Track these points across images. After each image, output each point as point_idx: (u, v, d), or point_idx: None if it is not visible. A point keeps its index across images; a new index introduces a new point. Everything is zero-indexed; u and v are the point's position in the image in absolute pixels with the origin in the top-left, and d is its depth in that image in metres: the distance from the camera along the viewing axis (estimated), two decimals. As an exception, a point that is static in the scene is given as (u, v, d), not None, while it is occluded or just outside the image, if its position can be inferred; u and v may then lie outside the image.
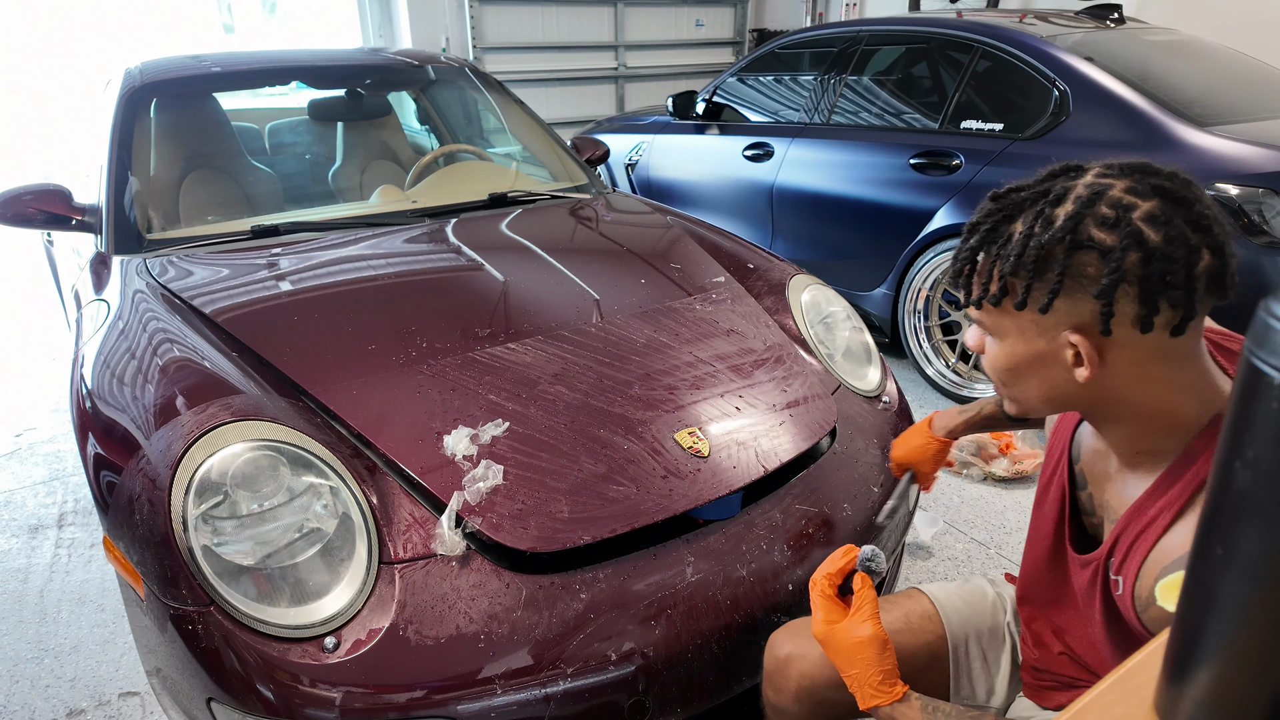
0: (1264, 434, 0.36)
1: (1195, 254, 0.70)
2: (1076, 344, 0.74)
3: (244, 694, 1.15)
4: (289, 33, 6.74)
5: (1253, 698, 0.39)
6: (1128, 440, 0.82)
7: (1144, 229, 0.70)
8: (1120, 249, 0.70)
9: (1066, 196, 0.74)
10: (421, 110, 3.35)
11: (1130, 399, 0.77)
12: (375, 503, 1.29)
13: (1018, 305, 0.76)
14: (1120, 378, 0.76)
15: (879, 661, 0.91)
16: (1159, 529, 0.79)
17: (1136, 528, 0.81)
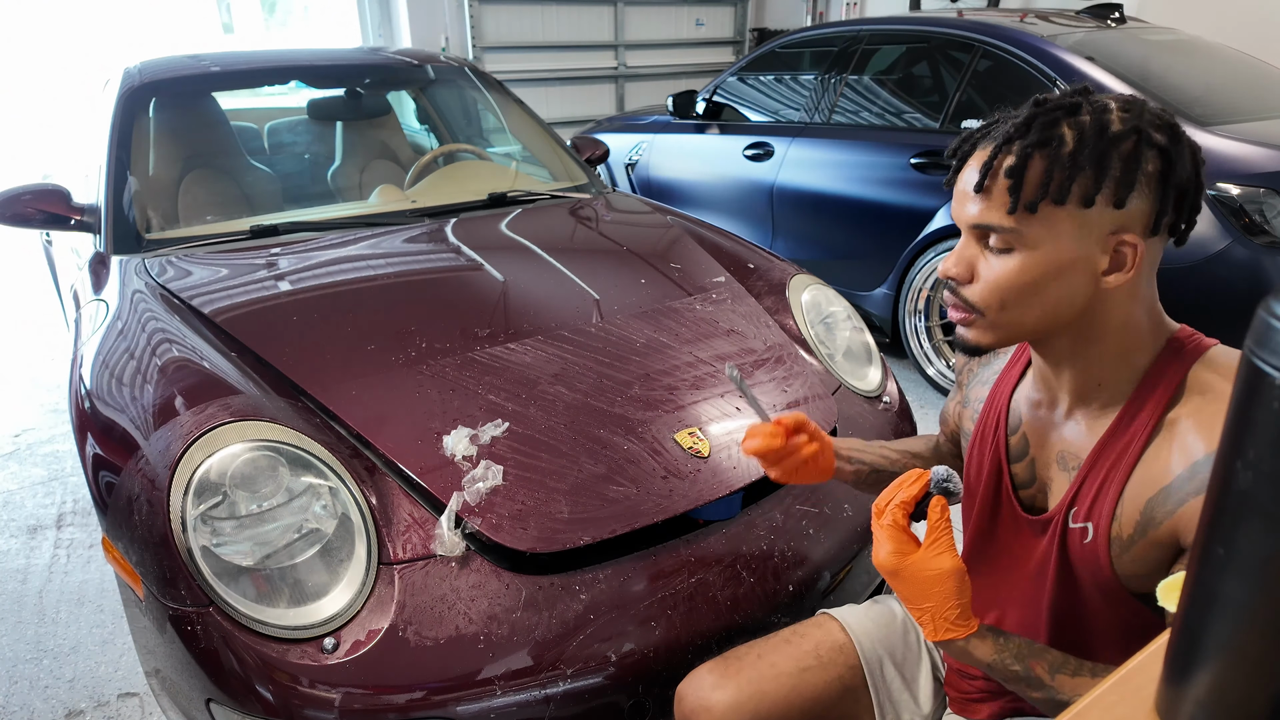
0: (1265, 435, 0.35)
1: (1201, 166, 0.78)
2: (1128, 242, 0.76)
3: (243, 695, 1.15)
4: (288, 32, 6.74)
5: (1253, 698, 0.39)
6: (1090, 369, 0.83)
7: (1182, 135, 0.76)
8: (1175, 149, 0.75)
9: (1110, 107, 0.76)
10: (421, 110, 3.35)
11: (1122, 313, 0.80)
12: (374, 503, 1.29)
13: (1086, 202, 0.75)
14: (1129, 287, 0.78)
15: (958, 594, 0.86)
16: (1130, 461, 0.80)
17: (1105, 464, 0.82)
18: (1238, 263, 2.29)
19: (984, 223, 0.79)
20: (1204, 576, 0.41)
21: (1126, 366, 0.81)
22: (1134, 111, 0.76)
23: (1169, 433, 0.78)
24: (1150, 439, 0.79)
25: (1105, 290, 0.78)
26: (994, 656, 0.85)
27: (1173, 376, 0.79)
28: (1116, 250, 0.76)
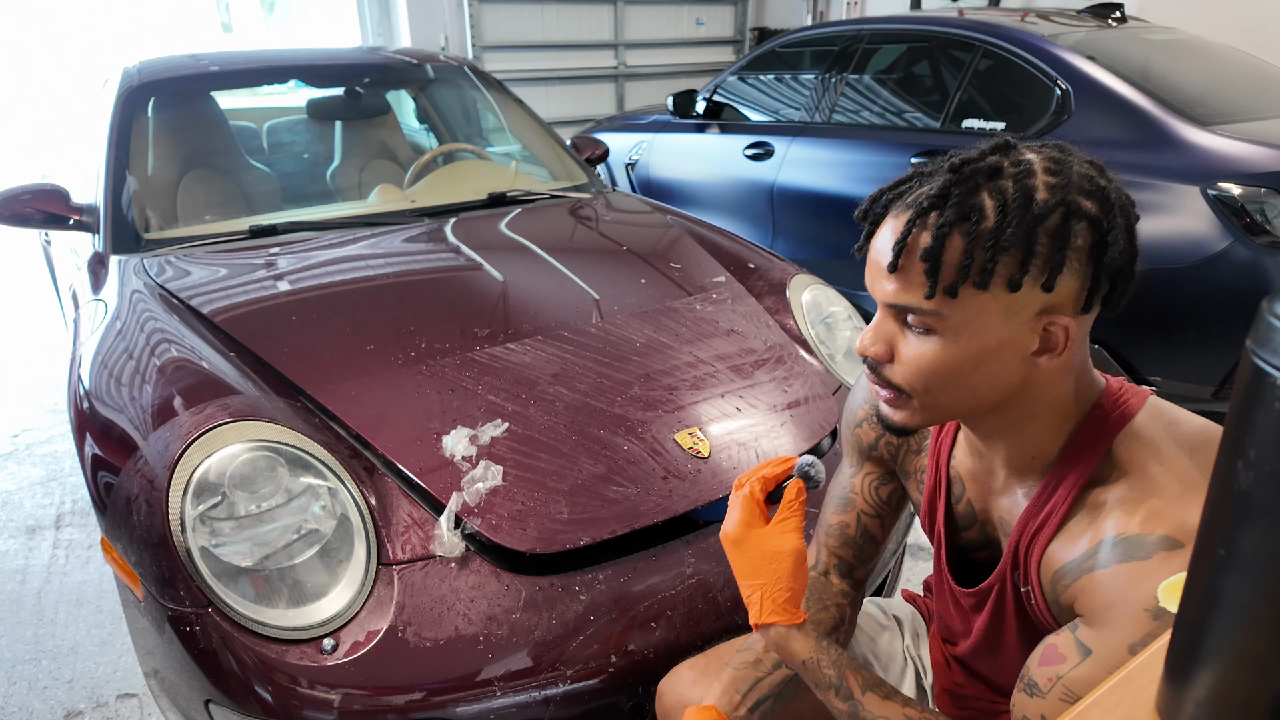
0: (1266, 434, 0.35)
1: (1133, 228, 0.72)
2: (1063, 325, 0.70)
3: (242, 695, 1.14)
4: (287, 32, 6.74)
5: (1255, 699, 0.39)
6: (1021, 444, 0.79)
7: (1114, 200, 0.70)
8: (1107, 217, 0.68)
9: (1033, 169, 0.69)
10: (420, 109, 3.34)
11: (1053, 391, 0.75)
12: (374, 504, 1.29)
13: (1012, 285, 0.68)
14: (1062, 363, 0.72)
15: (791, 578, 0.84)
16: (1047, 535, 0.77)
17: (1028, 536, 0.79)
18: (1238, 263, 2.28)
19: (900, 304, 0.72)
20: (1205, 576, 0.41)
21: (1058, 436, 0.77)
22: (1061, 176, 0.69)
23: (1088, 510, 0.74)
24: (1070, 512, 0.76)
25: (1037, 370, 0.73)
26: (811, 655, 0.84)
27: (1095, 450, 0.75)
28: (1046, 331, 0.70)
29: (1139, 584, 0.68)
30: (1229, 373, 2.39)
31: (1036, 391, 0.75)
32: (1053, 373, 0.73)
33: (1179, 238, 2.37)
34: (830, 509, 1.07)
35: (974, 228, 0.68)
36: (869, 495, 1.04)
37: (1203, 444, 0.72)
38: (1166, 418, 0.76)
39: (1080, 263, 0.69)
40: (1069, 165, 0.70)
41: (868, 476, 1.04)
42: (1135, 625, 0.67)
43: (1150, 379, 2.53)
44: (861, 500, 1.04)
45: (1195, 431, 0.74)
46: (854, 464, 1.05)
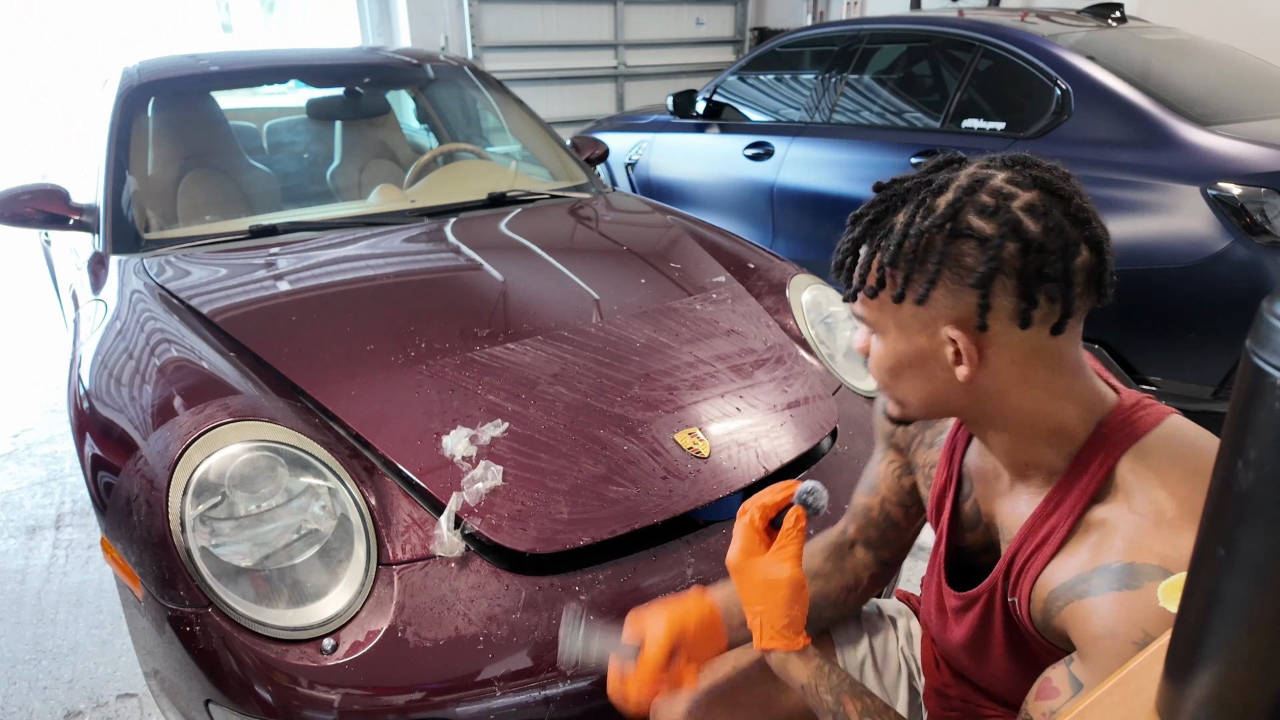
0: (1266, 434, 0.35)
1: (1074, 247, 0.69)
2: (956, 339, 0.71)
3: (242, 695, 1.14)
4: (287, 32, 6.74)
5: (1255, 699, 0.39)
6: (1013, 451, 0.79)
7: (1022, 218, 0.68)
8: (998, 238, 0.68)
9: (948, 186, 0.71)
10: (420, 109, 3.34)
11: (1011, 403, 0.74)
12: (374, 504, 1.29)
13: (896, 297, 0.73)
14: (1001, 378, 0.72)
15: (788, 605, 0.86)
16: (1048, 552, 0.76)
17: (1027, 550, 0.78)
18: (1238, 263, 2.28)
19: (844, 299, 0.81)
20: (1205, 577, 0.41)
21: (1052, 451, 0.76)
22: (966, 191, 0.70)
23: (1089, 531, 0.73)
24: (1072, 531, 0.75)
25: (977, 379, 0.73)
26: (810, 680, 0.86)
27: (1097, 469, 0.73)
28: (953, 343, 0.72)
29: (1128, 615, 0.66)
30: (1229, 373, 2.39)
31: (998, 405, 0.75)
32: (995, 386, 0.73)
33: (1179, 238, 2.37)
34: (860, 489, 1.09)
35: (880, 243, 0.74)
36: (891, 483, 1.05)
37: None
38: (1182, 439, 0.73)
39: (961, 282, 0.69)
40: (983, 179, 0.71)
41: (891, 464, 1.05)
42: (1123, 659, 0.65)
43: (1150, 379, 2.53)
44: (885, 487, 1.06)
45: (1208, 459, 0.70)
46: (881, 450, 1.07)
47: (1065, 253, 0.68)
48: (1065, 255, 0.68)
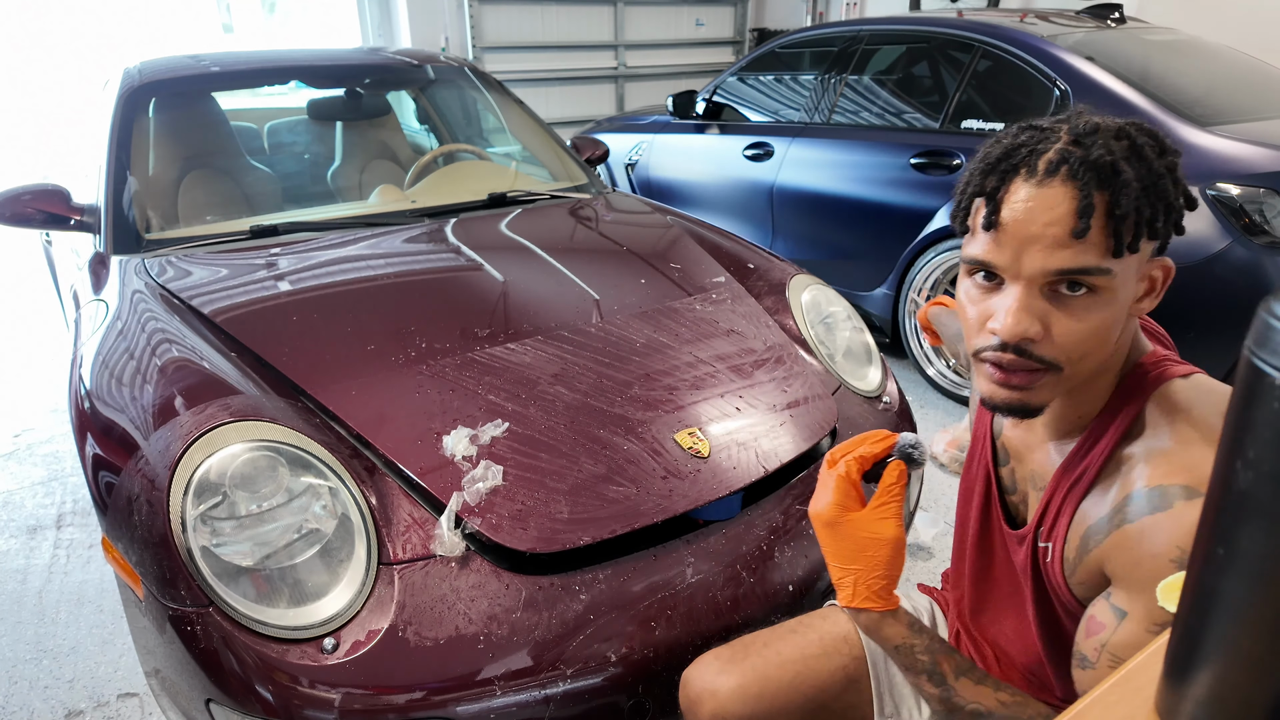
0: (1265, 435, 0.35)
1: None
2: (1164, 267, 0.77)
3: (243, 695, 1.15)
4: (288, 32, 6.74)
5: (1254, 699, 0.39)
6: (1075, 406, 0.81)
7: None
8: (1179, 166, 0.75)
9: (1125, 131, 0.74)
10: (421, 110, 3.35)
11: (1124, 344, 0.79)
12: (374, 503, 1.29)
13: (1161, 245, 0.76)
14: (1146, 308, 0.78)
15: (889, 565, 0.83)
16: (1081, 490, 0.79)
17: (1062, 491, 0.81)
18: (1238, 263, 2.29)
19: (1082, 266, 0.72)
20: (1204, 576, 0.41)
21: (1106, 392, 0.80)
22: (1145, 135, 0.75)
23: (1119, 467, 0.77)
24: (1102, 470, 0.78)
25: (1130, 320, 0.78)
26: (904, 640, 0.84)
27: (1130, 410, 0.78)
28: (1149, 277, 0.77)
29: (1161, 535, 0.69)
30: (1228, 373, 2.39)
31: (1120, 343, 0.78)
32: (1135, 322, 0.79)
33: (1179, 238, 2.37)
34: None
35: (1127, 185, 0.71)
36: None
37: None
38: (1210, 387, 0.78)
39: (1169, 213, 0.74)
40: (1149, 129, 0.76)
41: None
42: (1162, 579, 0.68)
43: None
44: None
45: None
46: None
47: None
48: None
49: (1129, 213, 0.71)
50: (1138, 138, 0.74)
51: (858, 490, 0.86)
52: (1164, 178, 0.73)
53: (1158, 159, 0.74)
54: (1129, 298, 0.75)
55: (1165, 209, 0.73)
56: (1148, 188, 0.72)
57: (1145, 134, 0.75)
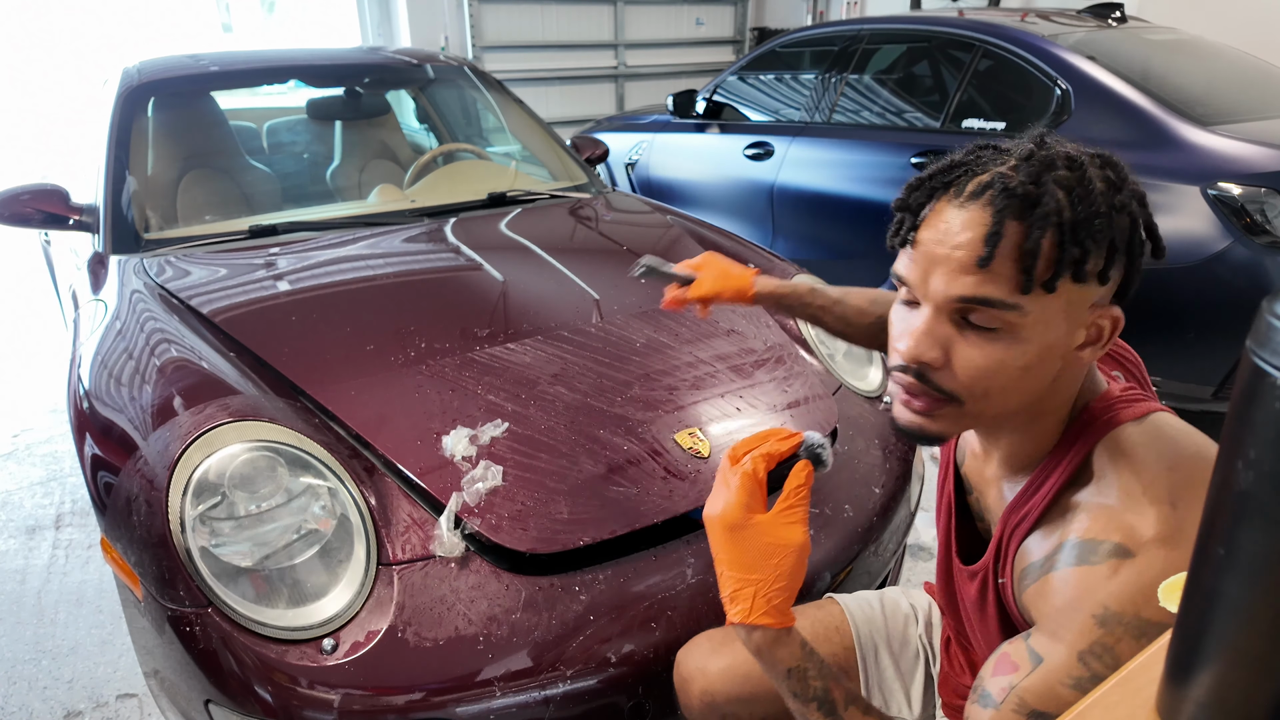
0: (1266, 434, 0.35)
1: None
2: (1112, 316, 0.71)
3: (242, 695, 1.14)
4: (287, 32, 6.74)
5: (1254, 699, 0.39)
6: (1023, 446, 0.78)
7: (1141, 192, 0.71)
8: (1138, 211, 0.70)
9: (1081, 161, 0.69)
10: (420, 109, 3.35)
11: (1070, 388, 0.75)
12: (374, 504, 1.29)
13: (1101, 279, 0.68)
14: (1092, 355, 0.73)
15: (791, 575, 0.77)
16: (1024, 530, 0.76)
17: (1009, 530, 0.78)
18: (1238, 263, 2.28)
19: (984, 296, 0.68)
20: (1204, 576, 0.41)
21: (1055, 434, 0.76)
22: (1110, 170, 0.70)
23: (1063, 513, 0.73)
24: (1045, 513, 0.75)
25: (1070, 365, 0.72)
26: (798, 664, 0.78)
27: (1076, 455, 0.74)
28: (1095, 324, 0.71)
29: (1087, 590, 0.66)
30: (1229, 373, 2.39)
31: (1058, 387, 0.74)
32: (1080, 368, 0.74)
33: (1179, 238, 2.37)
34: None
35: (1058, 220, 0.66)
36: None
37: (1188, 462, 0.69)
38: (1161, 433, 0.73)
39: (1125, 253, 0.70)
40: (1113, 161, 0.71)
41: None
42: (1083, 632, 0.66)
43: (1150, 379, 2.52)
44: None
45: (1186, 451, 0.71)
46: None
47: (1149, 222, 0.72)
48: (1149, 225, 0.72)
49: (1041, 248, 0.66)
50: (1090, 170, 0.69)
51: (763, 491, 0.80)
52: (1107, 216, 0.67)
53: (1107, 196, 0.68)
54: (1053, 341, 0.69)
55: (1105, 251, 0.68)
56: (1080, 225, 0.66)
57: (1106, 166, 0.70)
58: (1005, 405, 0.72)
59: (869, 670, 1.11)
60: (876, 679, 1.11)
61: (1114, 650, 0.64)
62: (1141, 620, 0.63)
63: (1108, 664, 0.64)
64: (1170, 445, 0.71)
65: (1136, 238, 0.70)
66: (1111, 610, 0.64)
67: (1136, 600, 0.64)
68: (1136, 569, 0.65)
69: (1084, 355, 0.72)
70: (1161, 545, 0.65)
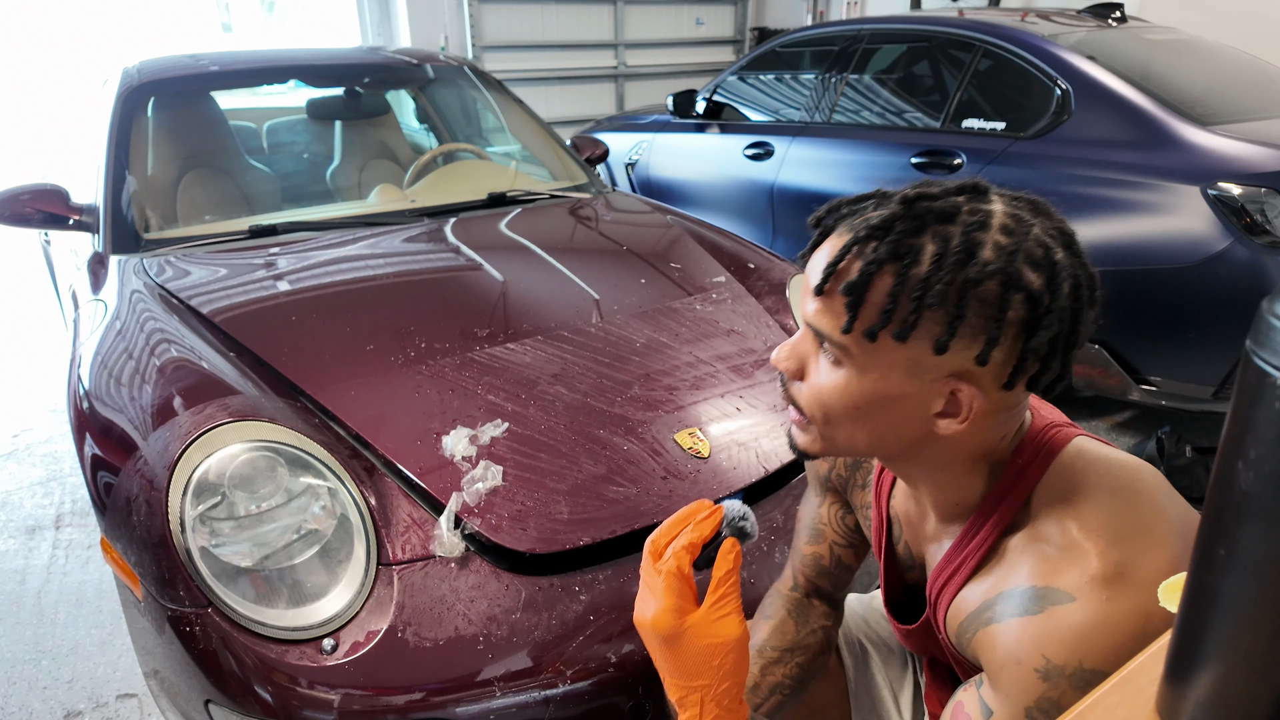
0: (1266, 434, 0.35)
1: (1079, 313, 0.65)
2: (961, 392, 0.65)
3: (242, 696, 1.14)
4: (287, 32, 6.74)
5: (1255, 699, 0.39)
6: (943, 494, 0.75)
7: (1063, 278, 0.63)
8: (1048, 295, 0.62)
9: (989, 223, 0.64)
10: (420, 109, 3.35)
11: (963, 448, 0.70)
12: (374, 504, 1.29)
13: (938, 348, 0.63)
14: (969, 429, 0.67)
15: (735, 672, 0.73)
16: (959, 581, 0.74)
17: (941, 581, 0.76)
18: (1239, 263, 2.28)
19: (816, 328, 0.68)
20: (1205, 577, 0.41)
21: (979, 483, 0.73)
22: (1014, 238, 0.63)
23: (998, 559, 0.71)
24: (982, 562, 0.72)
25: (938, 429, 0.68)
26: None
27: (1014, 498, 0.71)
28: (953, 395, 0.66)
29: (1028, 641, 0.64)
30: (1229, 373, 2.39)
31: (944, 448, 0.70)
32: (957, 435, 0.68)
33: (1179, 238, 2.37)
34: (803, 538, 1.04)
35: (905, 271, 0.63)
36: (837, 525, 1.00)
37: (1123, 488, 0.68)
38: (1088, 462, 0.70)
39: (1009, 337, 0.63)
40: (1027, 228, 0.64)
41: (832, 506, 1.01)
42: (1026, 688, 0.64)
43: (1150, 379, 2.53)
44: (831, 531, 1.01)
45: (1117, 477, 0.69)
46: (818, 493, 1.02)
47: (1082, 320, 0.65)
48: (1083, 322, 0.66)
49: (867, 291, 0.64)
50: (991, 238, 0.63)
51: (691, 587, 0.74)
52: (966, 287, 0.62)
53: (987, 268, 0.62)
54: (892, 394, 0.66)
55: (945, 320, 0.62)
56: (922, 284, 0.62)
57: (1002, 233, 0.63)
58: (851, 439, 0.71)
59: (857, 676, 1.09)
60: (864, 686, 1.09)
61: (1059, 703, 0.62)
62: (1084, 671, 0.61)
63: (1053, 717, 0.63)
64: (1097, 477, 0.69)
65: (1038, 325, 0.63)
66: (1054, 664, 0.63)
67: (1079, 649, 0.62)
68: (1077, 614, 0.62)
69: (941, 426, 0.67)
70: (1103, 586, 0.62)
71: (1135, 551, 0.63)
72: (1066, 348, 0.65)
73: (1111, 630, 0.61)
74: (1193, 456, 2.45)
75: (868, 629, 1.14)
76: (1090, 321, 0.66)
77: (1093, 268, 0.66)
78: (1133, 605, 0.61)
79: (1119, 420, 2.96)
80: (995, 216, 0.64)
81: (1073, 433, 0.74)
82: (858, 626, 1.14)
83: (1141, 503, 0.67)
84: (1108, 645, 0.61)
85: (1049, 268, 0.63)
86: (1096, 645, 0.61)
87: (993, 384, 0.65)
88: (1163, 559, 0.63)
